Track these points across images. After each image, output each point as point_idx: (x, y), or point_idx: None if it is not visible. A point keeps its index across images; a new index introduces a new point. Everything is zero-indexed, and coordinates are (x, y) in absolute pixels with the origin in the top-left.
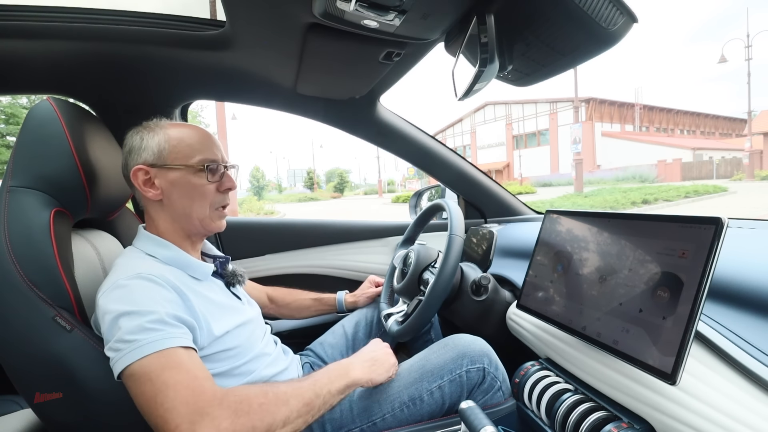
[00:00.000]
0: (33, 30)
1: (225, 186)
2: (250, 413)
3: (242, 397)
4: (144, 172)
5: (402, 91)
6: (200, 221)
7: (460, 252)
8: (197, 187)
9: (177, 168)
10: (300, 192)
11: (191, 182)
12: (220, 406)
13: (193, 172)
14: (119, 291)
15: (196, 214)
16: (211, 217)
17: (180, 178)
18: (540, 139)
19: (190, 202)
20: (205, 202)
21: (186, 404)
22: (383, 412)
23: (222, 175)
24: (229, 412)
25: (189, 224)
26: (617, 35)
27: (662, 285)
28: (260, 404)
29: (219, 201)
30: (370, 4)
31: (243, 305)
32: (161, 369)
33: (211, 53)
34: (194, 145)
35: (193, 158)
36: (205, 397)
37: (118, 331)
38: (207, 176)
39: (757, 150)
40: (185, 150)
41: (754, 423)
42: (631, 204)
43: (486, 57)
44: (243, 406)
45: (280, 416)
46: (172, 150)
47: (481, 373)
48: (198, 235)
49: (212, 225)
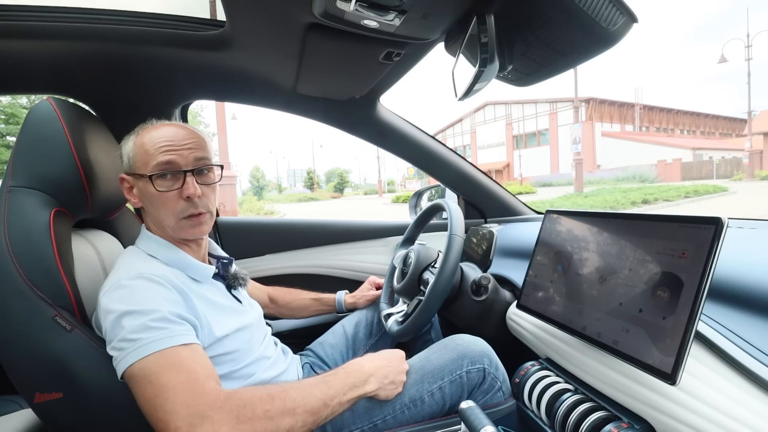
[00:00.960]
0: (33, 30)
1: (185, 193)
2: (252, 419)
3: (246, 402)
4: (125, 180)
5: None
6: (171, 230)
7: (460, 252)
8: (155, 197)
9: (139, 177)
10: (300, 192)
11: (149, 192)
12: (221, 410)
13: (149, 180)
14: (121, 291)
15: (166, 223)
16: (179, 226)
17: (143, 186)
18: (540, 139)
19: (156, 211)
20: (167, 212)
21: (186, 406)
22: (384, 413)
23: (183, 182)
24: (230, 416)
25: (164, 232)
26: (617, 35)
27: (662, 285)
28: (264, 411)
29: (182, 209)
30: (370, 4)
31: (244, 308)
32: (161, 370)
33: (211, 53)
34: (150, 151)
35: (148, 165)
36: (207, 399)
37: (122, 331)
38: (155, 184)
39: (757, 150)
40: (143, 157)
41: (754, 423)
42: (631, 204)
43: (486, 57)
44: (246, 411)
45: (283, 427)
46: (135, 157)
47: (482, 373)
48: (186, 240)
49: (183, 233)
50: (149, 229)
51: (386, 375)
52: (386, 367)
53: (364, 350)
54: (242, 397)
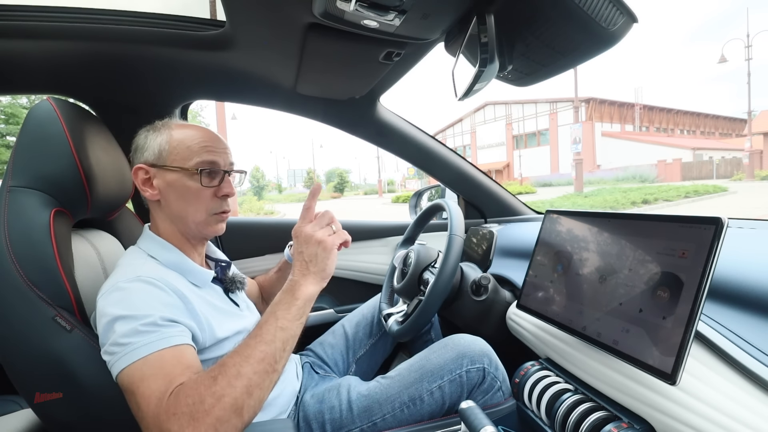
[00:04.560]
0: (33, 30)
1: (222, 192)
2: (208, 410)
3: (195, 398)
4: (144, 171)
5: (402, 91)
6: (195, 225)
7: (460, 252)
8: (192, 191)
9: (174, 170)
10: (300, 192)
11: (186, 185)
12: (175, 416)
13: (189, 175)
14: (118, 294)
15: (191, 218)
16: (207, 221)
17: (176, 180)
18: (540, 139)
19: (185, 205)
20: (200, 207)
21: (154, 419)
22: (383, 412)
23: (221, 180)
24: (187, 419)
25: (185, 227)
26: (617, 35)
27: (662, 285)
28: (213, 393)
29: (216, 207)
30: (370, 4)
31: (242, 312)
32: (141, 380)
33: (211, 53)
34: (193, 148)
35: (190, 161)
36: (165, 406)
37: (113, 335)
38: (201, 180)
39: (757, 150)
40: (184, 152)
41: (754, 423)
42: (631, 204)
43: (486, 57)
44: (198, 407)
45: (239, 391)
46: (171, 151)
47: (481, 373)
48: (196, 238)
49: (208, 229)
50: (154, 230)
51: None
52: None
53: (364, 350)
54: (189, 392)
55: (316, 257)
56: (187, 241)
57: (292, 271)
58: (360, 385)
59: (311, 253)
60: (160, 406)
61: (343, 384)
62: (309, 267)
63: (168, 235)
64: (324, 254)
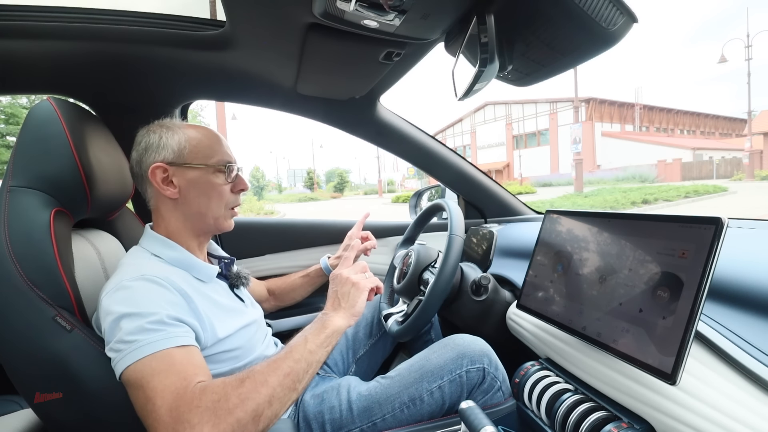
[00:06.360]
0: (33, 30)
1: (239, 187)
2: (231, 409)
3: (220, 395)
4: (162, 170)
5: (402, 91)
6: (214, 220)
7: (460, 252)
8: (215, 187)
9: (197, 167)
10: (300, 192)
11: (210, 181)
12: (198, 409)
13: (212, 171)
14: (123, 292)
15: (212, 213)
16: (225, 216)
17: (199, 177)
18: (540, 139)
19: (207, 201)
20: (221, 201)
21: (169, 411)
22: (383, 412)
23: (236, 177)
24: (209, 414)
25: (202, 223)
26: (617, 35)
27: (662, 285)
28: (239, 395)
29: (233, 201)
30: (370, 4)
31: (246, 307)
32: (152, 374)
33: (211, 53)
34: (213, 146)
35: (212, 158)
36: (186, 400)
37: (119, 332)
38: (225, 176)
39: (757, 150)
40: (205, 150)
41: (754, 423)
42: (631, 204)
43: (486, 57)
44: (222, 405)
45: (262, 398)
46: (192, 149)
47: (481, 373)
48: (207, 235)
49: (225, 224)
50: (158, 229)
51: (338, 296)
52: (332, 292)
53: (364, 350)
54: (217, 391)
55: (349, 295)
56: (196, 239)
57: (325, 307)
58: (360, 385)
59: (344, 292)
60: (179, 399)
61: (343, 384)
62: (341, 303)
63: (175, 233)
64: (356, 293)
